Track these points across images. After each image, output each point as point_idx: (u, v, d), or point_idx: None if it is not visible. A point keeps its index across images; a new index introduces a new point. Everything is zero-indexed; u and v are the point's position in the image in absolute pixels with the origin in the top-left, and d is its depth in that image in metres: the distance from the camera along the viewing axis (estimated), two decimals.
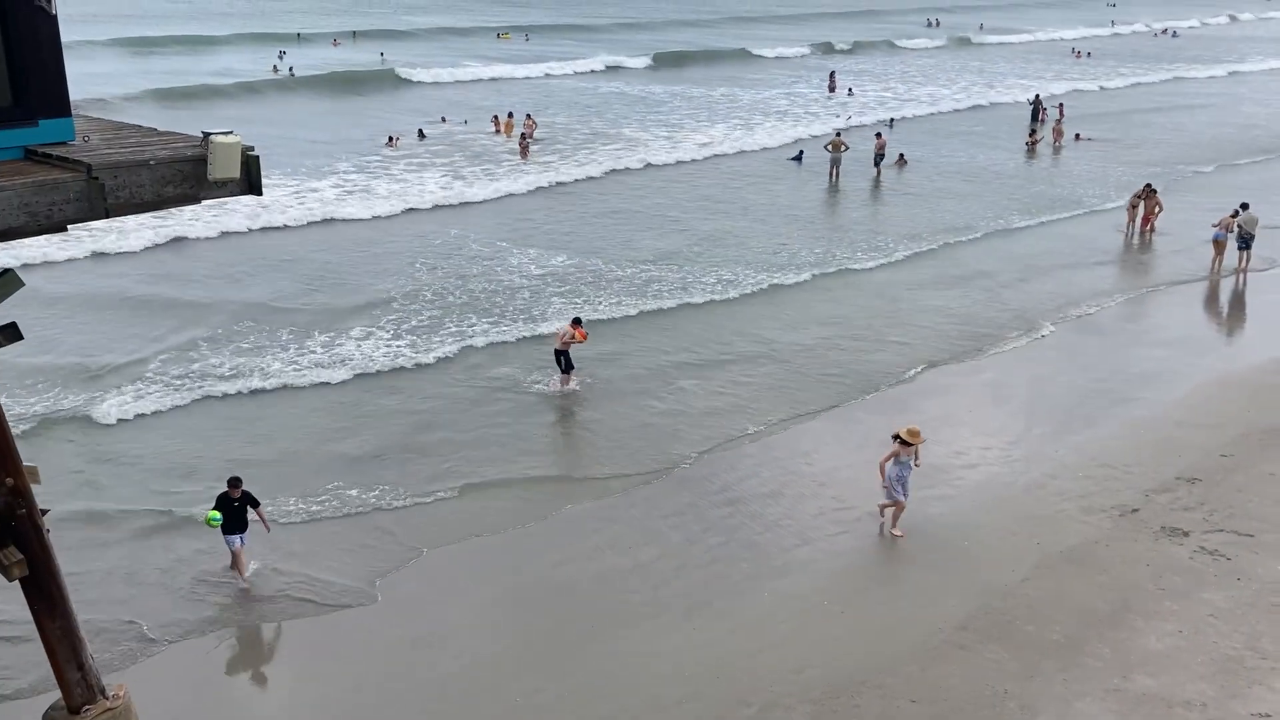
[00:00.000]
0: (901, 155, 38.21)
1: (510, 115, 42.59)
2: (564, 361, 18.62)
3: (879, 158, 36.61)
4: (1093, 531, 13.81)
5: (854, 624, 12.06)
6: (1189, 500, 14.53)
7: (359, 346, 20.32)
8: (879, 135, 38.01)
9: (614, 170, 36.25)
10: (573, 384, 18.64)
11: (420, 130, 41.83)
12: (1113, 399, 18.48)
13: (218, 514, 12.52)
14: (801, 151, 38.54)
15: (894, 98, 54.73)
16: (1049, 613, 12.09)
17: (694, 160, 38.34)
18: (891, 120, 46.46)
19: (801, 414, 17.77)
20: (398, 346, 20.36)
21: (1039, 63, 71.84)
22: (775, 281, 24.52)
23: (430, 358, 19.78)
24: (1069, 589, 12.51)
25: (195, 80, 51.94)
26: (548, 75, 59.62)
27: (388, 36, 74.09)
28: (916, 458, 13.96)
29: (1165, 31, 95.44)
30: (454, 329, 21.27)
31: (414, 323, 21.67)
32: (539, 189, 33.75)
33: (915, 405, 18.06)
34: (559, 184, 34.42)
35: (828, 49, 75.81)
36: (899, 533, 13.94)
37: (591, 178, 35.37)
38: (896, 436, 13.96)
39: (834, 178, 35.61)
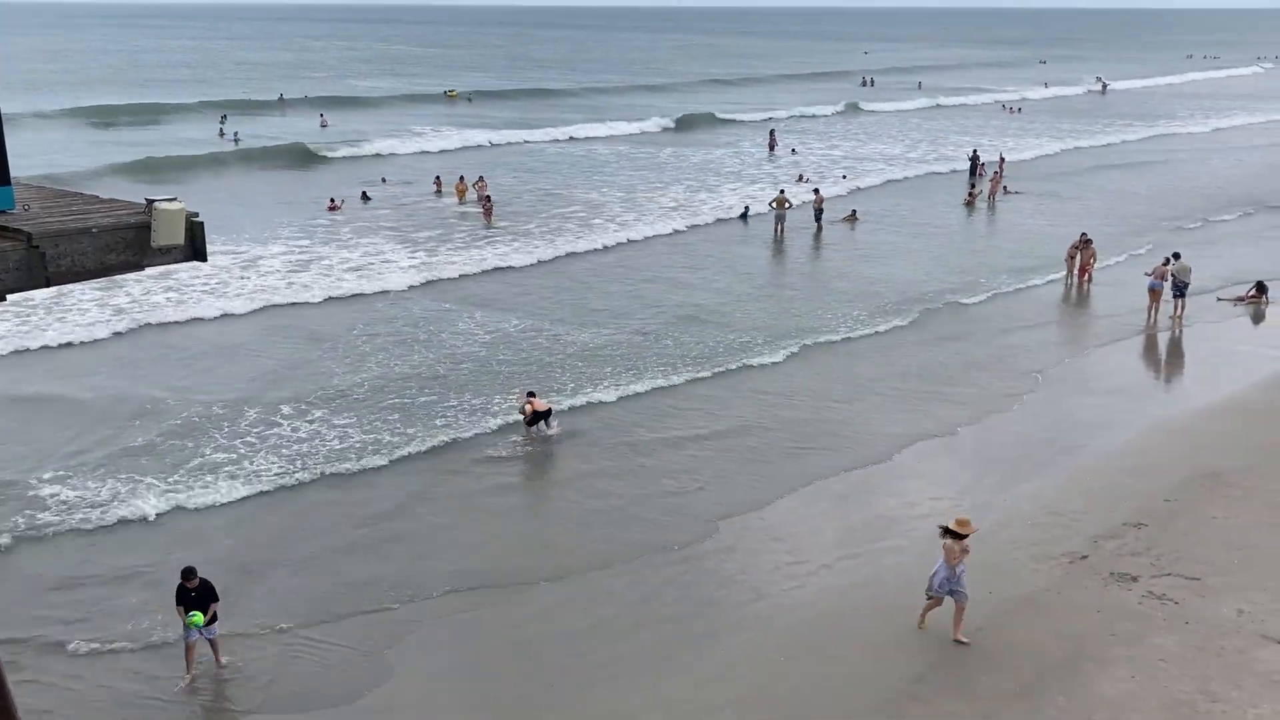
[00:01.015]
0: (854, 211, 38.94)
1: (462, 178, 42.24)
2: (540, 420, 18.96)
3: (818, 214, 37.18)
4: (1044, 579, 13.92)
5: (814, 678, 12.01)
6: (1136, 546, 14.72)
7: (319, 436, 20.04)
8: (816, 192, 38.59)
9: (580, 248, 33.82)
10: (555, 429, 18.97)
11: (364, 193, 41.78)
12: (1059, 447, 18.74)
13: (200, 614, 11.76)
14: (746, 208, 38.92)
15: (843, 155, 55.64)
16: (1005, 662, 12.14)
17: (655, 222, 37.99)
18: (844, 175, 47.30)
19: (759, 480, 17.72)
20: (351, 438, 20.10)
21: (976, 118, 73.65)
22: (747, 361, 23.14)
23: (404, 450, 18.24)
24: (1023, 637, 12.58)
25: (141, 149, 51.48)
26: (491, 143, 59.35)
27: (343, 104, 73.94)
28: (967, 551, 12.55)
29: (1099, 84, 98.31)
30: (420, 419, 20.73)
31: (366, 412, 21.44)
32: (539, 262, 31.93)
33: (860, 454, 18.24)
34: (549, 259, 32.44)
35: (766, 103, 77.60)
36: (965, 640, 12.51)
37: (570, 253, 33.14)
38: (944, 529, 12.65)
39: (779, 234, 36.08)
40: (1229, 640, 12.33)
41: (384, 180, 44.98)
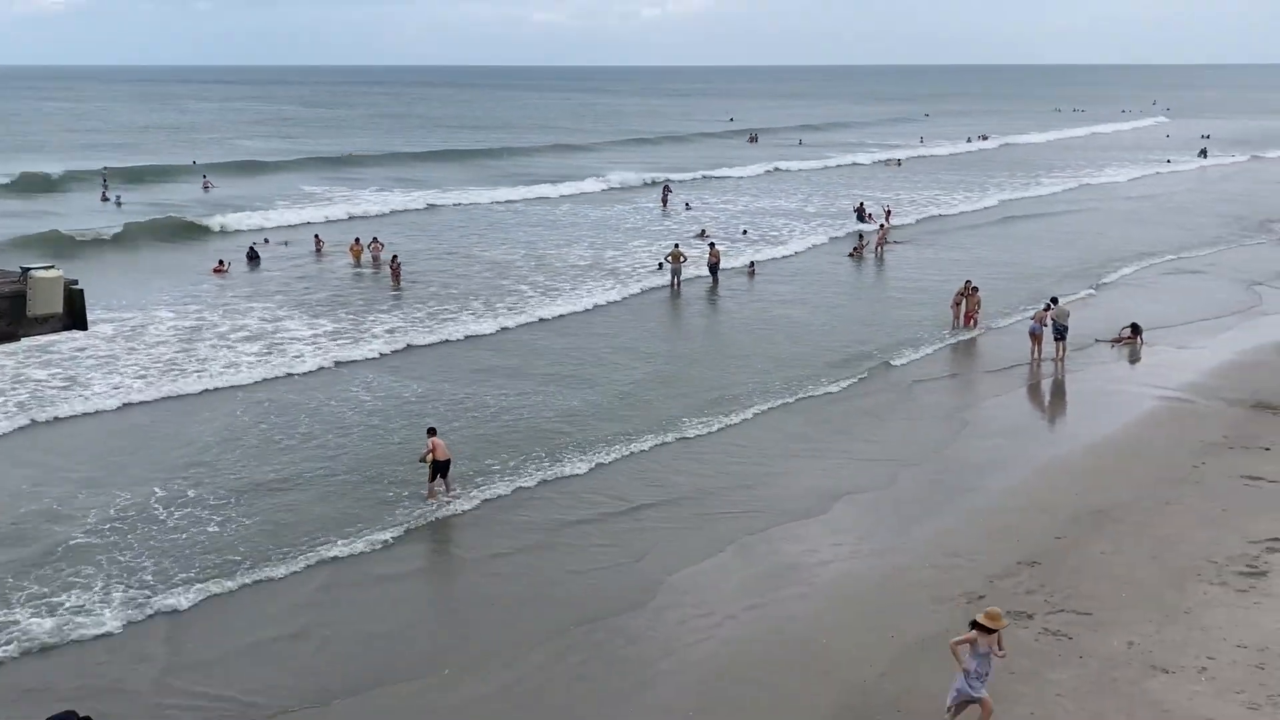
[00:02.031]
0: (752, 264, 39.73)
1: (357, 240, 41.40)
2: (442, 470, 18.62)
3: (714, 267, 37.71)
4: (944, 620, 14.16)
5: None
6: (1030, 584, 15.10)
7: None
8: (712, 246, 39.20)
9: (501, 323, 31.41)
10: (451, 492, 18.57)
11: (252, 250, 40.98)
12: (954, 490, 19.19)
13: None
14: (661, 263, 38.88)
15: (738, 209, 56.59)
16: (909, 705, 12.29)
17: (573, 278, 37.89)
18: (745, 230, 48.07)
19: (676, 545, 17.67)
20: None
21: (862, 172, 75.79)
22: (679, 435, 22.04)
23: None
24: (925, 680, 12.75)
25: (18, 220, 49.58)
26: (391, 209, 58.63)
27: (229, 168, 72.38)
28: (1000, 645, 11.73)
29: (980, 137, 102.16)
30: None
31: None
32: (445, 341, 29.50)
33: (762, 505, 18.40)
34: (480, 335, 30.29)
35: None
36: None
37: (504, 327, 30.96)
38: (974, 624, 11.67)
39: (675, 287, 36.51)
40: (1121, 672, 12.69)
41: (266, 240, 43.98)
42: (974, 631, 11.55)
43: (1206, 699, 12.11)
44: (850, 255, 42.91)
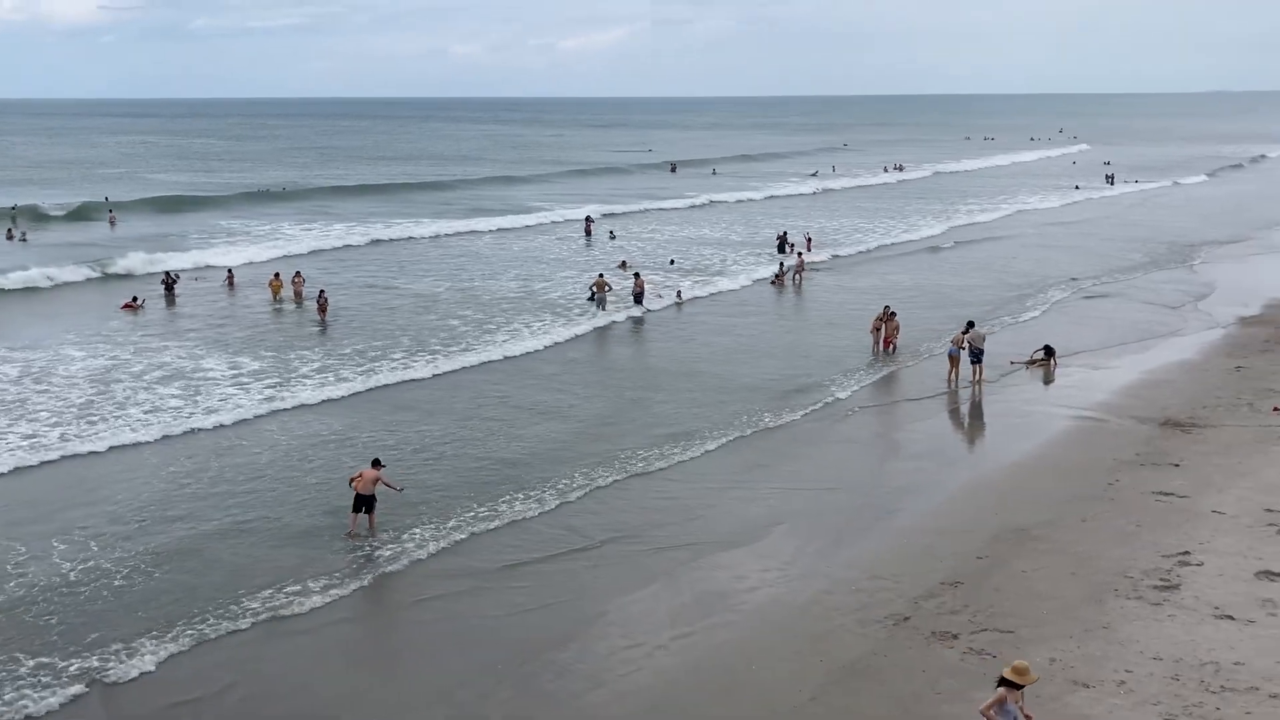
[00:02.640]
0: (679, 293, 39.92)
1: (277, 275, 40.43)
2: (365, 505, 18.34)
3: (639, 296, 37.81)
4: (870, 643, 14.28)
5: None
6: (954, 604, 15.30)
7: None
8: (637, 276, 39.29)
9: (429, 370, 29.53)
10: (373, 531, 18.25)
11: (168, 277, 40.00)
12: (877, 512, 19.41)
13: None
14: (591, 293, 38.56)
15: (664, 238, 56.87)
16: None
17: (506, 312, 37.60)
18: (673, 260, 48.25)
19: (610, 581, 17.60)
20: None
21: (782, 202, 76.79)
22: (617, 475, 21.61)
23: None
24: (854, 703, 12.82)
25: None
26: (317, 248, 57.99)
27: (137, 205, 70.78)
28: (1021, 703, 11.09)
29: (896, 167, 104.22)
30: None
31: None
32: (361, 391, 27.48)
33: (690, 534, 18.41)
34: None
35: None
36: None
37: (467, 366, 29.90)
38: (1002, 680, 11.07)
39: (601, 312, 36.60)
40: (1043, 688, 12.86)
41: (176, 276, 41.84)
42: (1002, 689, 10.96)
43: (1125, 712, 12.35)
44: (772, 283, 43.40)
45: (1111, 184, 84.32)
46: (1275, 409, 23.73)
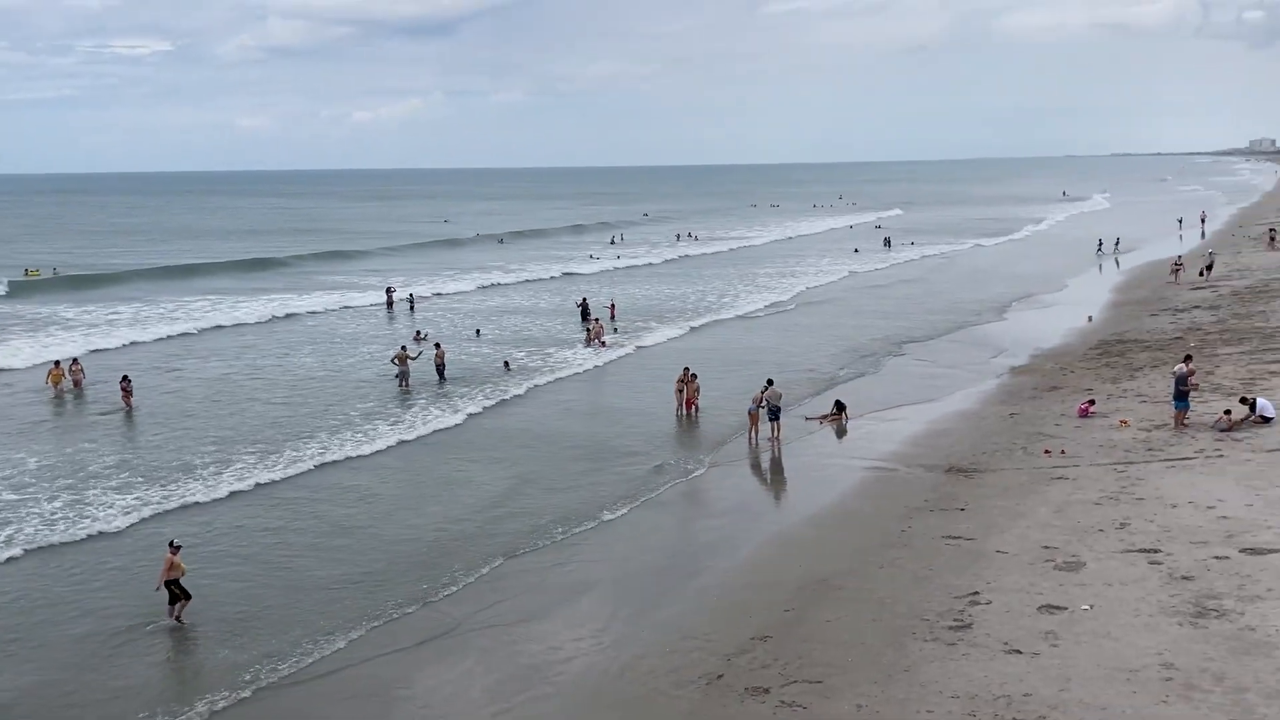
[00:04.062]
0: (507, 363, 39.51)
1: (57, 363, 37.33)
2: (176, 590, 17.58)
3: (440, 367, 37.30)
4: (686, 704, 14.32)
5: None
6: (765, 658, 15.56)
7: None
8: (438, 346, 38.79)
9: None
10: (183, 619, 17.51)
11: None
12: (685, 572, 19.62)
13: None
14: (397, 370, 37.55)
15: (469, 308, 56.26)
16: None
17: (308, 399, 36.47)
18: (478, 331, 47.70)
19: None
20: None
21: (571, 264, 77.52)
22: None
23: None
24: None
25: None
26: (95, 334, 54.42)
27: None
28: None
29: (690, 235, 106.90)
30: None
31: None
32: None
33: (500, 609, 18.12)
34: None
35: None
36: None
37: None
38: None
39: (403, 386, 35.84)
40: None
41: None
42: None
43: None
44: (585, 344, 43.84)
45: (889, 246, 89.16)
46: (1046, 451, 25.43)
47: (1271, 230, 74.53)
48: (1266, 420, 25.44)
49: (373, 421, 31.30)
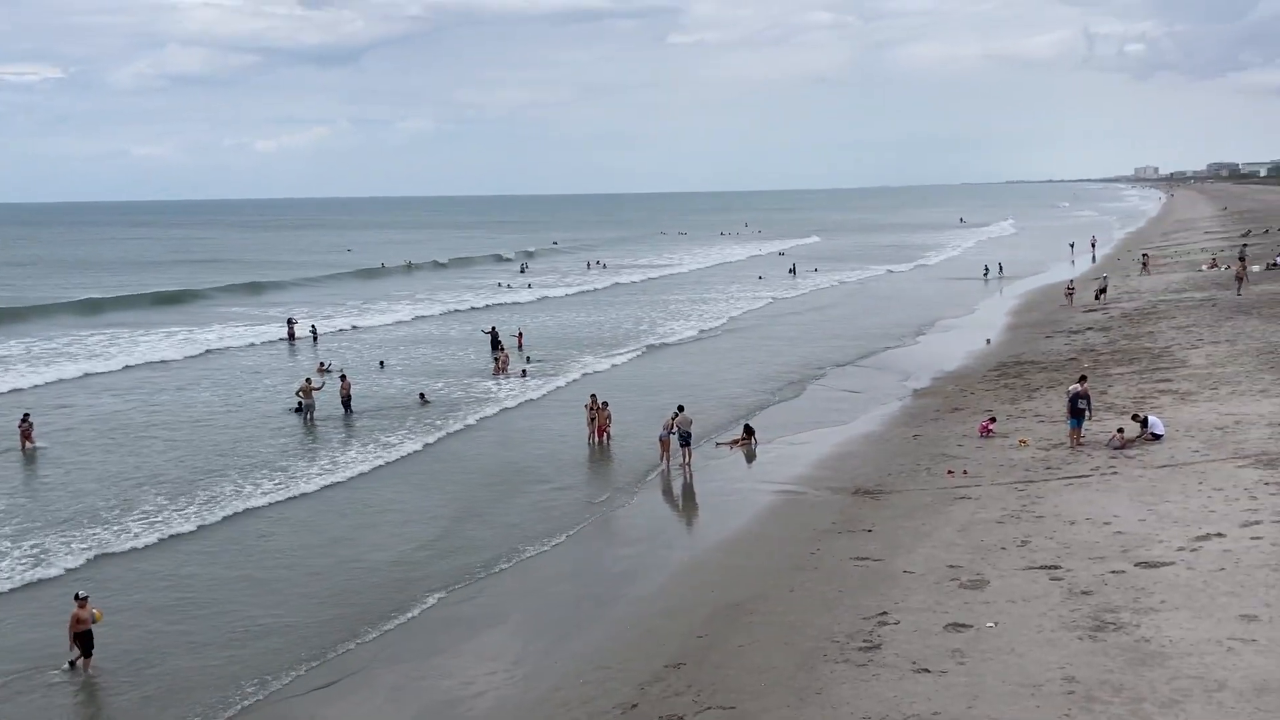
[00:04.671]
0: (423, 395, 38.80)
1: None
2: (84, 643, 16.99)
3: (346, 400, 36.63)
4: None
5: None
6: (679, 685, 15.54)
7: None
8: (344, 378, 38.08)
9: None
10: (90, 669, 16.90)
11: None
12: (598, 602, 19.55)
13: None
14: (299, 403, 36.60)
15: (376, 340, 55.41)
16: None
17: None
18: (382, 363, 46.95)
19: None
20: None
21: (481, 293, 77.04)
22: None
23: None
24: None
25: None
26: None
27: None
28: None
29: (599, 264, 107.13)
30: None
31: None
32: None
33: (412, 645, 17.82)
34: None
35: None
36: None
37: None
38: None
39: (308, 420, 35.14)
40: None
41: None
42: None
43: None
44: (494, 374, 43.54)
45: (794, 274, 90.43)
46: (949, 472, 25.98)
47: (1144, 255, 77.84)
48: (1157, 437, 26.36)
49: (286, 459, 30.60)
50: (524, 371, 43.75)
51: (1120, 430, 26.79)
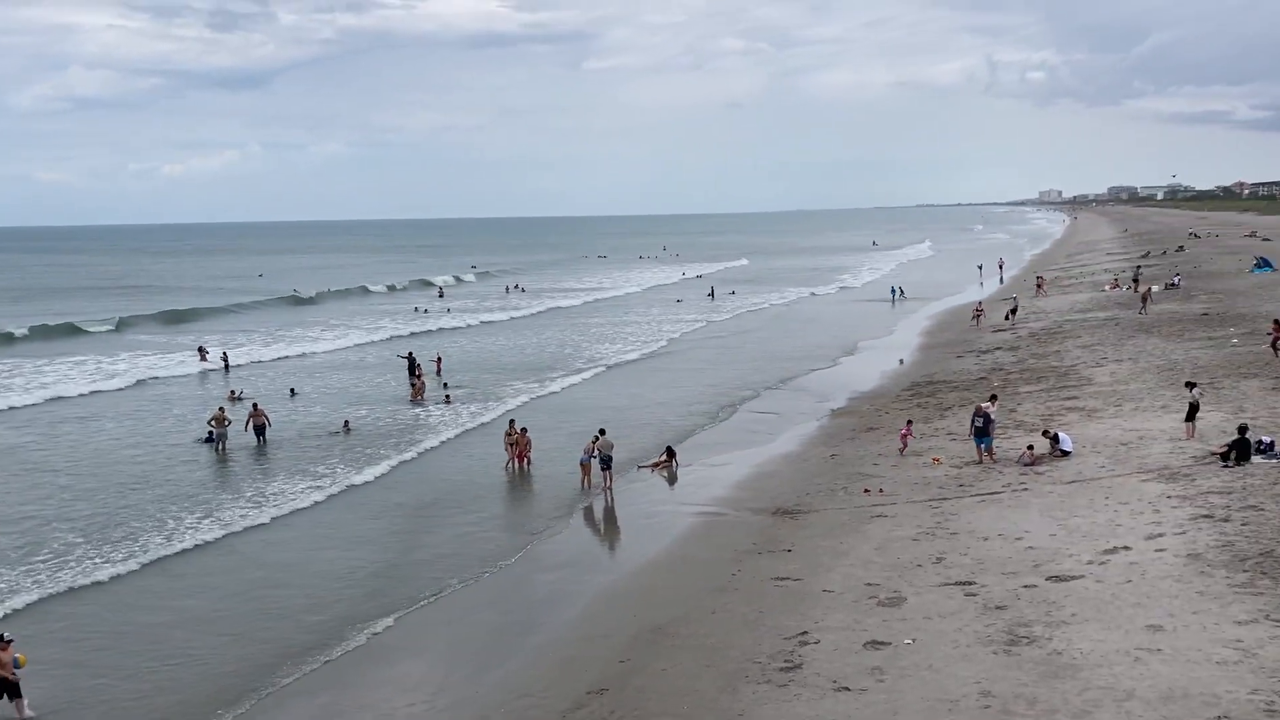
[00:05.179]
0: (346, 423, 38.04)
1: None
2: (9, 690, 16.47)
3: (260, 429, 35.81)
4: None
5: None
6: (601, 711, 15.47)
7: None
8: (255, 406, 37.16)
9: None
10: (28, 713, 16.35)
11: None
12: (520, 629, 19.38)
13: None
14: (210, 433, 35.60)
15: (289, 367, 54.39)
16: None
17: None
18: (293, 390, 45.96)
19: None
20: None
21: (398, 318, 76.26)
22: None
23: None
24: None
25: None
26: None
27: None
28: None
29: (518, 288, 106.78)
30: None
31: None
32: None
33: (331, 679, 17.47)
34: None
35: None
36: None
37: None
38: None
39: (220, 451, 34.33)
40: None
41: None
42: None
43: None
44: (411, 400, 43.05)
45: (713, 297, 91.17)
46: (865, 490, 26.35)
47: (1039, 277, 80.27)
48: (1065, 454, 27.07)
49: (205, 493, 29.81)
50: (446, 398, 43.26)
51: (1030, 447, 27.45)
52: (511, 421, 32.76)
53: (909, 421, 31.02)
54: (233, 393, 44.86)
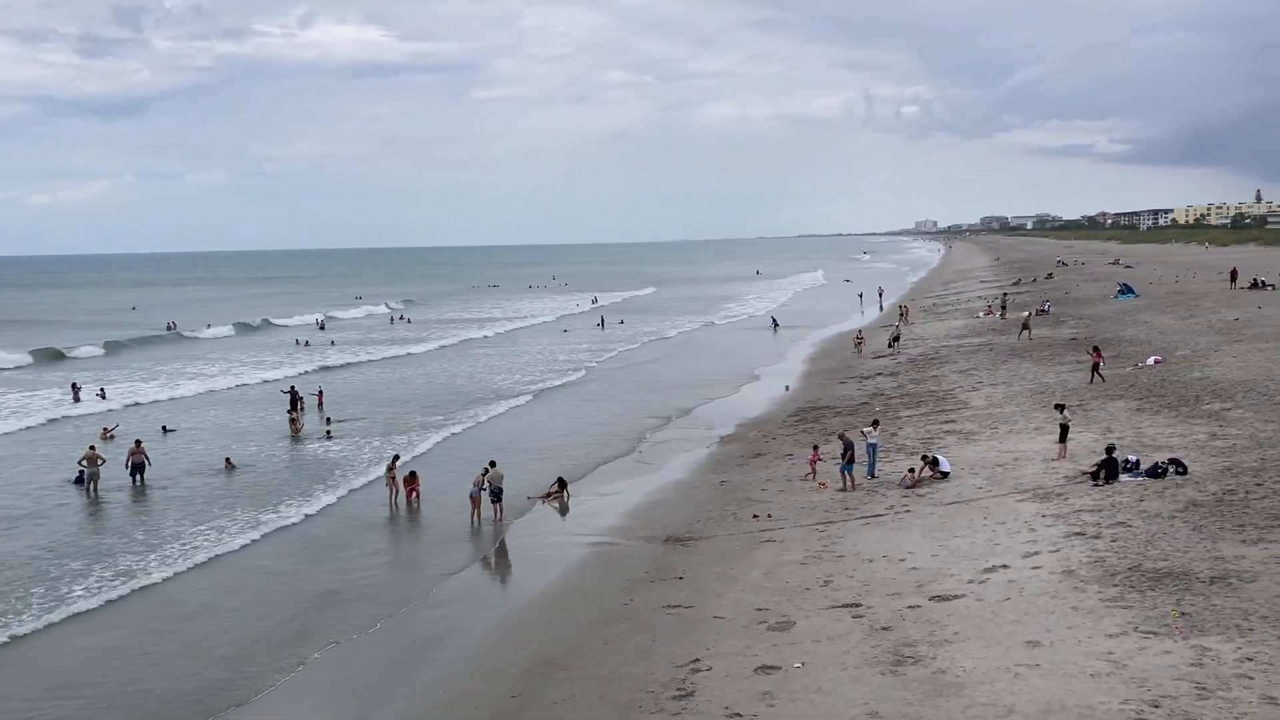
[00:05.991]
0: (229, 460, 36.60)
1: None
2: None
3: (138, 468, 34.30)
4: None
5: None
6: None
7: None
8: (138, 443, 35.63)
9: None
10: None
11: None
12: (409, 667, 19.02)
13: None
14: (81, 472, 33.92)
15: (164, 403, 52.54)
16: None
17: None
18: (164, 427, 44.23)
19: None
20: None
21: (279, 351, 74.44)
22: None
23: None
24: None
25: None
26: None
27: None
28: None
29: (404, 319, 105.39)
30: None
31: None
32: None
33: None
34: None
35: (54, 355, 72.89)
36: None
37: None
38: None
39: (92, 492, 32.82)
40: None
41: None
42: None
43: None
44: (291, 436, 42.14)
45: (602, 327, 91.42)
46: (754, 516, 26.67)
47: (903, 306, 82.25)
48: (945, 475, 27.87)
49: (81, 544, 28.50)
50: (328, 433, 42.21)
51: (911, 470, 28.19)
52: (395, 458, 32.23)
53: (815, 446, 31.53)
54: (106, 430, 43.10)
